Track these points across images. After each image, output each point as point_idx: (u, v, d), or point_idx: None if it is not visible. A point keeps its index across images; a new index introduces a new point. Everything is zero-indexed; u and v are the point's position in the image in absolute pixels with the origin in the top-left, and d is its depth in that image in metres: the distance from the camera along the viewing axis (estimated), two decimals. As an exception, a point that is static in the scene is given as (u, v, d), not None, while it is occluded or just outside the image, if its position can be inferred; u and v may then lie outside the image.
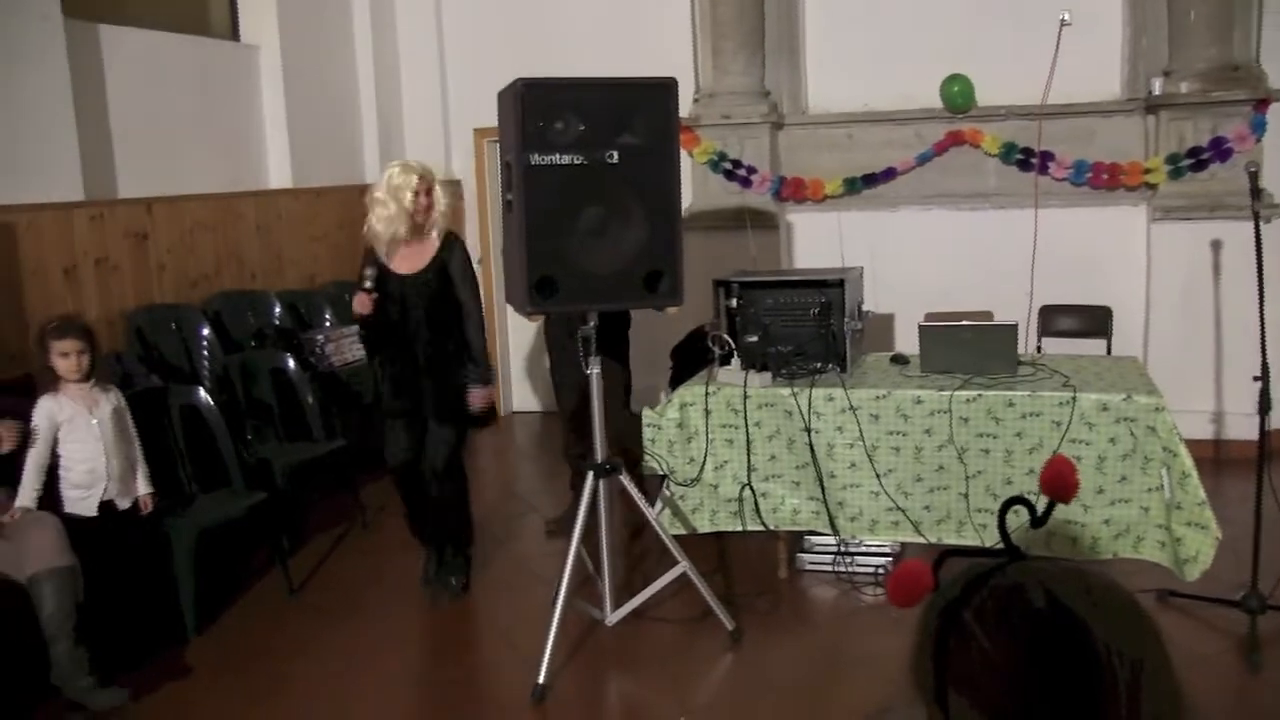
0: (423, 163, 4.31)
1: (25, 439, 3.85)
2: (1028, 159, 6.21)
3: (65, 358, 3.88)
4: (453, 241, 4.38)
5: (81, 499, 3.94)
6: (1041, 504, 1.23)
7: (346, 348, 5.75)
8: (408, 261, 4.29)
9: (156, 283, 5.32)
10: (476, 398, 4.36)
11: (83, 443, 3.93)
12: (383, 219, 4.20)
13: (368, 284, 4.18)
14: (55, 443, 3.90)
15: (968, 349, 4.32)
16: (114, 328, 4.99)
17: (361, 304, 4.17)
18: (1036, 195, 6.17)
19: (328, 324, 6.07)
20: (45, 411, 3.89)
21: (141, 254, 5.27)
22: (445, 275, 4.30)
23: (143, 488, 4.11)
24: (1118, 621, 0.99)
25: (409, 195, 4.18)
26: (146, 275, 5.29)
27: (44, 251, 4.78)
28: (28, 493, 3.81)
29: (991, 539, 4.12)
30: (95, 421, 3.95)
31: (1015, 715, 0.97)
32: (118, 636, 3.92)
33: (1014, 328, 4.36)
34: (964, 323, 4.55)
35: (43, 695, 3.66)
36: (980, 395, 4.08)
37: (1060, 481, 1.25)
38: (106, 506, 3.99)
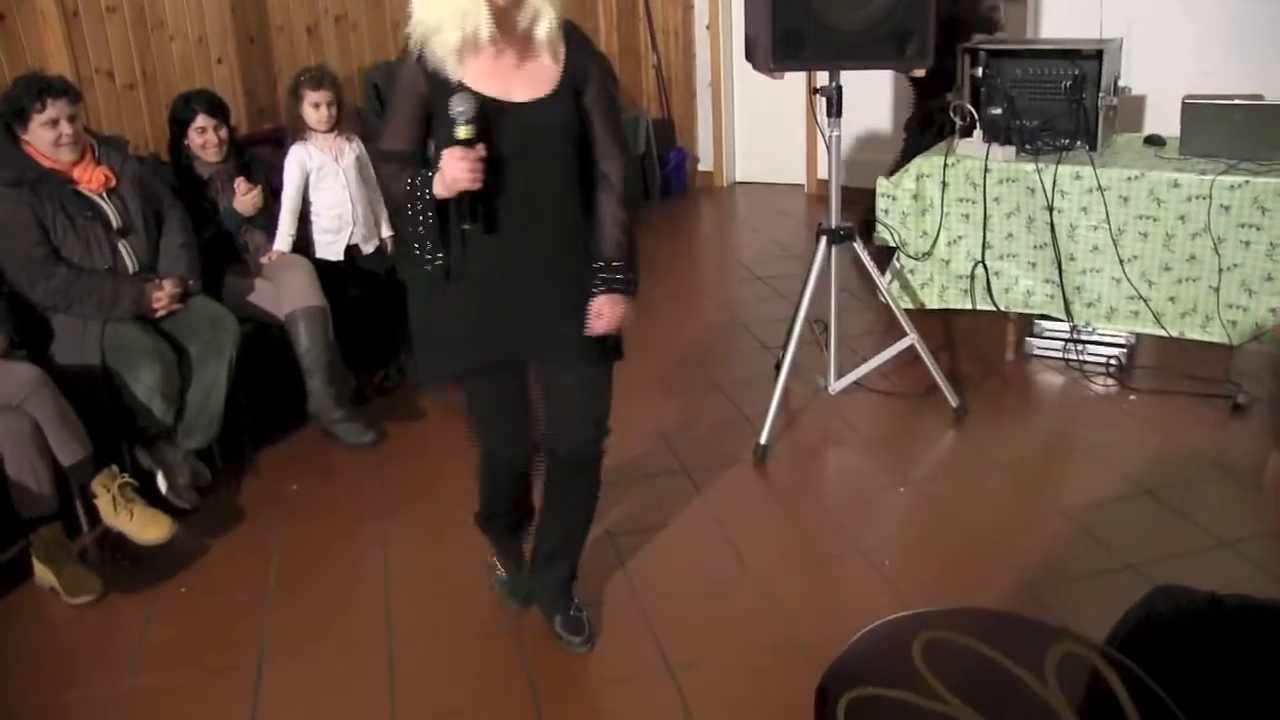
0: None
1: (273, 192, 4.05)
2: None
3: (316, 108, 4.04)
4: (583, 42, 2.44)
5: (330, 244, 4.16)
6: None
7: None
8: (510, 81, 2.35)
9: (392, 40, 5.41)
10: (606, 312, 2.47)
11: (330, 190, 4.12)
12: (440, 6, 2.24)
13: (463, 125, 2.25)
14: (306, 190, 4.10)
15: (1237, 131, 3.95)
16: (352, 83, 5.12)
17: (468, 165, 2.24)
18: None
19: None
20: (297, 160, 4.07)
21: (378, 11, 5.34)
22: (580, 105, 2.42)
23: (385, 230, 4.31)
24: None
25: None
26: (382, 32, 5.38)
27: (289, 8, 4.90)
28: (284, 237, 4.04)
29: (1240, 337, 3.89)
30: (341, 169, 4.12)
31: None
32: (359, 375, 4.20)
33: (1295, 108, 3.97)
34: (1236, 101, 4.17)
35: (302, 420, 3.99)
36: (1248, 181, 3.76)
37: None
38: (351, 251, 4.21)
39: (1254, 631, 0.91)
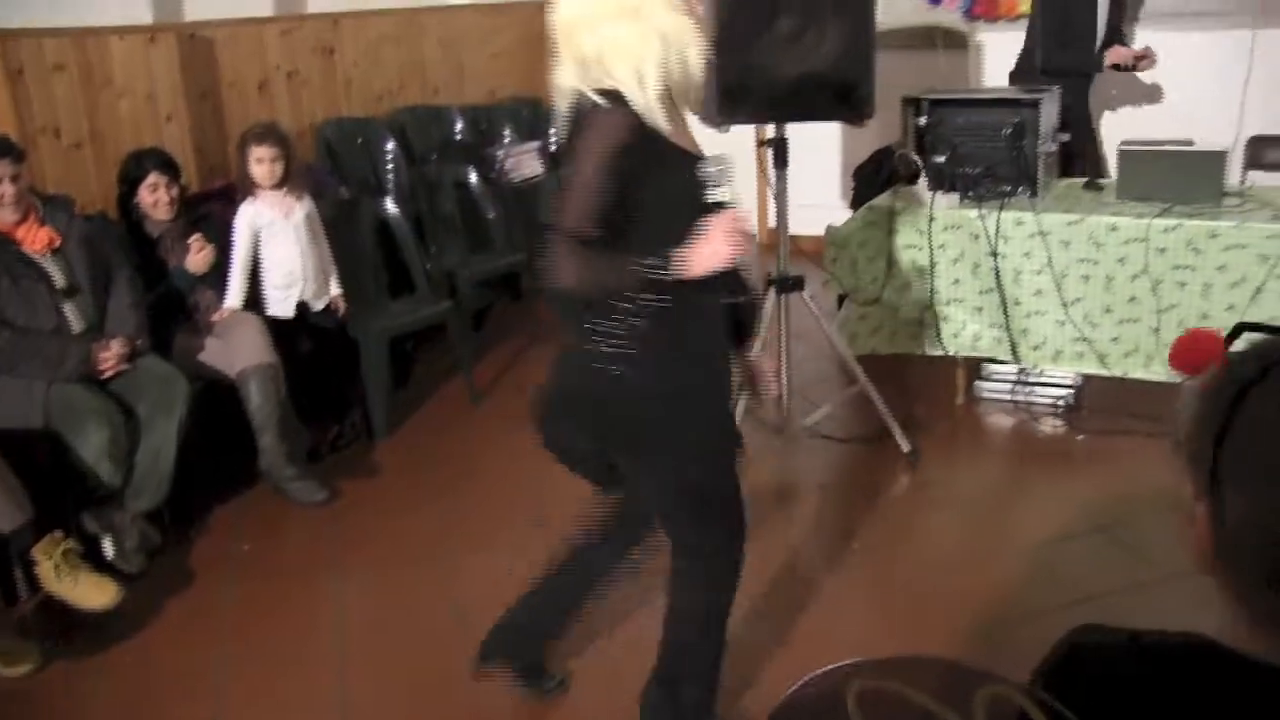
0: None
1: (224, 249, 4.04)
2: (1254, -32, 5.62)
3: (261, 163, 4.03)
4: None
5: (281, 300, 4.14)
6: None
7: (525, 163, 5.70)
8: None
9: (344, 96, 5.43)
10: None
11: (281, 246, 4.10)
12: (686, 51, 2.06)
13: (725, 185, 2.05)
14: (256, 247, 4.09)
15: (1169, 175, 4.06)
16: (304, 140, 5.13)
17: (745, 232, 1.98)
18: (1260, 11, 5.63)
19: (507, 139, 6.04)
20: (246, 218, 4.06)
21: (329, 68, 5.37)
22: None
23: (335, 288, 4.30)
24: None
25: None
26: (334, 89, 5.41)
27: (240, 65, 4.91)
28: (235, 294, 4.02)
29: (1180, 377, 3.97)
30: (292, 225, 4.12)
31: None
32: (312, 432, 4.17)
33: (1222, 154, 4.07)
34: (1167, 147, 4.29)
35: (253, 479, 3.94)
36: (1181, 224, 3.86)
37: None
38: (302, 308, 4.19)
39: (1171, 668, 0.93)
